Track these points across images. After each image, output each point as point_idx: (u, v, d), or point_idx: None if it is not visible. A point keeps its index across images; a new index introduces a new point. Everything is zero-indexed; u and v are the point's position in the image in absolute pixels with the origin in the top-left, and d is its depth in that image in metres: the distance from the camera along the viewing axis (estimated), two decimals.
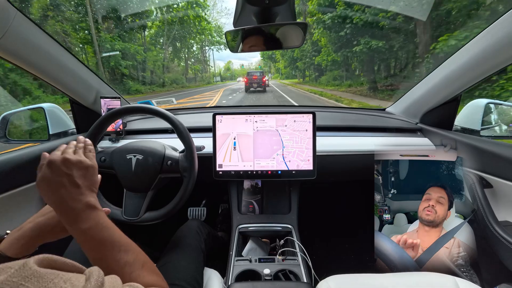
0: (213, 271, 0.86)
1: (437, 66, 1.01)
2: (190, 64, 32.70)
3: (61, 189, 0.43)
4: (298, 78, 29.65)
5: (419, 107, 1.18)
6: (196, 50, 33.51)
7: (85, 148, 0.52)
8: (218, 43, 34.21)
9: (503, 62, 0.77)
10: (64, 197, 0.43)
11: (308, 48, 18.67)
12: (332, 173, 1.17)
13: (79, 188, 0.45)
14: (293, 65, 26.85)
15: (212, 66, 48.04)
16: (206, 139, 1.06)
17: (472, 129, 1.06)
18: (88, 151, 0.51)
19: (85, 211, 0.44)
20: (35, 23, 0.78)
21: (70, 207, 0.43)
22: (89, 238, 0.43)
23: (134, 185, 0.84)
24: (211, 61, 44.70)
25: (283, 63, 38.16)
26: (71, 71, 0.98)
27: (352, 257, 1.42)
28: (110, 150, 0.86)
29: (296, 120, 0.97)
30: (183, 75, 27.93)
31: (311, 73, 23.00)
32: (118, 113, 0.85)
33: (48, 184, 0.43)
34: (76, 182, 0.45)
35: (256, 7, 0.63)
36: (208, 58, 40.97)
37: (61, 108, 1.21)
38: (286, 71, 39.38)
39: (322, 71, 18.94)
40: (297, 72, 29.17)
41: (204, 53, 38.38)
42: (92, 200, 0.46)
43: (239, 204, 1.13)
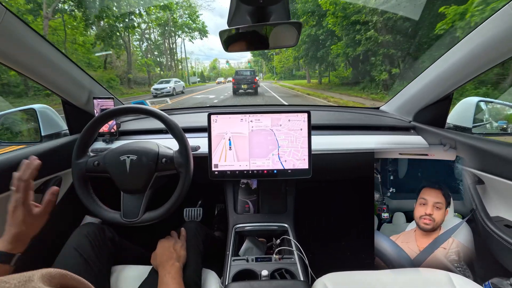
0: (210, 272, 0.86)
1: (430, 65, 1.02)
2: (139, 56, 21.62)
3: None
4: (307, 80, 20.88)
5: (413, 106, 1.20)
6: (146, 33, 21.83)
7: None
8: (189, 28, 24.57)
9: (492, 61, 0.79)
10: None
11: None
12: (328, 171, 1.18)
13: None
14: (310, 57, 16.40)
15: (184, 64, 32.63)
16: (201, 139, 1.06)
17: (464, 126, 1.08)
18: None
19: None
20: (25, 23, 0.77)
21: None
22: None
23: (130, 186, 0.83)
24: (180, 53, 30.81)
25: (283, 59, 29.92)
26: (63, 70, 0.97)
27: (349, 255, 1.43)
28: (103, 154, 0.85)
29: (291, 119, 0.98)
30: (126, 73, 17.26)
31: (339, 71, 15.31)
32: (111, 114, 0.84)
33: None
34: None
35: (251, 6, 0.62)
36: (174, 48, 27.95)
37: (53, 109, 1.19)
38: (282, 70, 33.53)
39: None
40: (311, 71, 20.14)
41: (170, 42, 26.62)
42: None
43: (235, 204, 1.13)
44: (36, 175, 0.65)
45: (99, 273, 0.76)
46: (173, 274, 0.71)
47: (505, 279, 0.76)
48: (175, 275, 0.71)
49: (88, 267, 0.73)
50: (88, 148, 0.87)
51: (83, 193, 0.81)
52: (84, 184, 0.82)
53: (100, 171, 0.83)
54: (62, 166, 1.01)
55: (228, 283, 0.78)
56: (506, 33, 0.69)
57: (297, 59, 19.85)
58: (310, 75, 21.01)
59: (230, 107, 1.62)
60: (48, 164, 0.96)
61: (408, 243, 0.93)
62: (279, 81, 31.58)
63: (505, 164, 0.81)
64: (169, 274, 0.71)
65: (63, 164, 1.01)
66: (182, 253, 0.81)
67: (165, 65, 27.18)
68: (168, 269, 0.72)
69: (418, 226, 0.94)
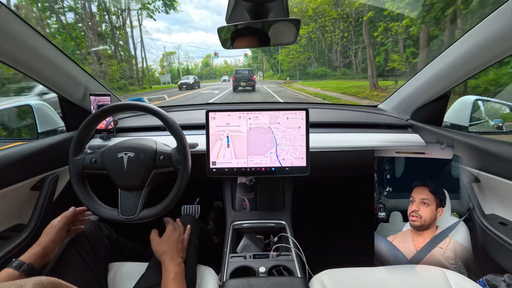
0: (207, 268, 0.86)
1: (427, 64, 1.03)
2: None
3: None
4: (372, 83, 11.32)
5: (410, 104, 1.20)
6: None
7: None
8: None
9: (489, 60, 0.79)
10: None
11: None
12: (325, 169, 1.18)
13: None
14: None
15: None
16: (199, 136, 1.06)
17: (461, 125, 1.09)
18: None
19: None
20: (20, 18, 0.76)
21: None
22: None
23: (128, 183, 0.83)
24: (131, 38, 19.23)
25: (292, 51, 22.09)
26: (58, 66, 0.96)
27: (346, 252, 1.45)
28: (100, 151, 0.84)
29: (289, 117, 0.98)
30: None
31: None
32: (109, 110, 0.84)
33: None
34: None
35: (249, 3, 0.62)
36: (121, 29, 17.15)
37: (49, 106, 1.18)
38: (290, 67, 24.77)
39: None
40: (347, 67, 13.82)
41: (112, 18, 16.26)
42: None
43: (233, 201, 1.13)
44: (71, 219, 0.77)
45: (96, 270, 0.76)
46: (181, 273, 0.71)
47: (499, 275, 0.77)
48: (182, 273, 0.72)
49: (85, 264, 0.73)
50: (85, 145, 0.87)
51: (80, 190, 0.80)
52: (82, 181, 0.81)
53: (98, 168, 0.82)
54: (59, 163, 1.01)
55: (225, 279, 0.78)
56: (503, 32, 0.69)
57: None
58: (350, 74, 14.26)
59: (228, 104, 1.61)
60: (45, 161, 0.96)
61: (405, 243, 0.93)
62: (293, 82, 20.39)
63: (501, 162, 0.82)
64: (176, 268, 0.71)
65: (60, 161, 1.01)
66: (185, 252, 0.81)
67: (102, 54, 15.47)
68: (177, 263, 0.72)
69: (410, 224, 0.96)
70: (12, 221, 0.87)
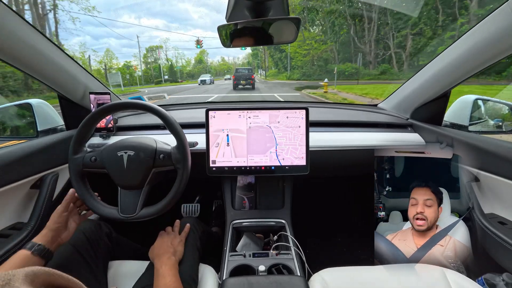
0: (207, 267, 0.86)
1: (427, 63, 1.03)
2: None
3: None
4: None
5: (410, 103, 1.20)
6: None
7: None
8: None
9: (489, 60, 0.79)
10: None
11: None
12: (325, 168, 1.18)
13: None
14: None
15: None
16: (199, 135, 1.06)
17: (461, 124, 1.09)
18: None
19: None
20: (19, 15, 0.75)
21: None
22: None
23: (128, 182, 0.82)
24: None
25: (307, 40, 16.41)
26: (58, 65, 0.95)
27: (345, 251, 1.45)
28: (100, 149, 0.84)
29: (289, 116, 0.98)
30: None
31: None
32: (109, 109, 0.83)
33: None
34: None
35: (249, 1, 0.62)
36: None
37: (49, 104, 1.18)
38: (304, 62, 18.35)
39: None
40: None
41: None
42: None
43: (232, 200, 1.13)
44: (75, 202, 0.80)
45: (96, 268, 0.76)
46: (169, 266, 0.72)
47: (497, 274, 0.77)
48: (171, 267, 0.72)
49: (85, 263, 0.74)
50: (85, 144, 0.87)
51: (80, 188, 0.80)
52: (81, 180, 0.81)
53: (97, 166, 0.82)
54: (58, 161, 1.01)
55: (225, 278, 0.78)
56: (504, 31, 0.69)
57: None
58: (393, 72, 9.87)
59: (228, 103, 1.61)
60: (44, 160, 0.96)
61: (405, 241, 0.93)
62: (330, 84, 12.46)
63: (501, 162, 0.82)
64: (165, 266, 0.72)
65: (60, 160, 1.01)
66: (179, 249, 0.82)
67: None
68: (164, 261, 0.73)
69: (413, 227, 0.95)
70: (12, 219, 0.87)
